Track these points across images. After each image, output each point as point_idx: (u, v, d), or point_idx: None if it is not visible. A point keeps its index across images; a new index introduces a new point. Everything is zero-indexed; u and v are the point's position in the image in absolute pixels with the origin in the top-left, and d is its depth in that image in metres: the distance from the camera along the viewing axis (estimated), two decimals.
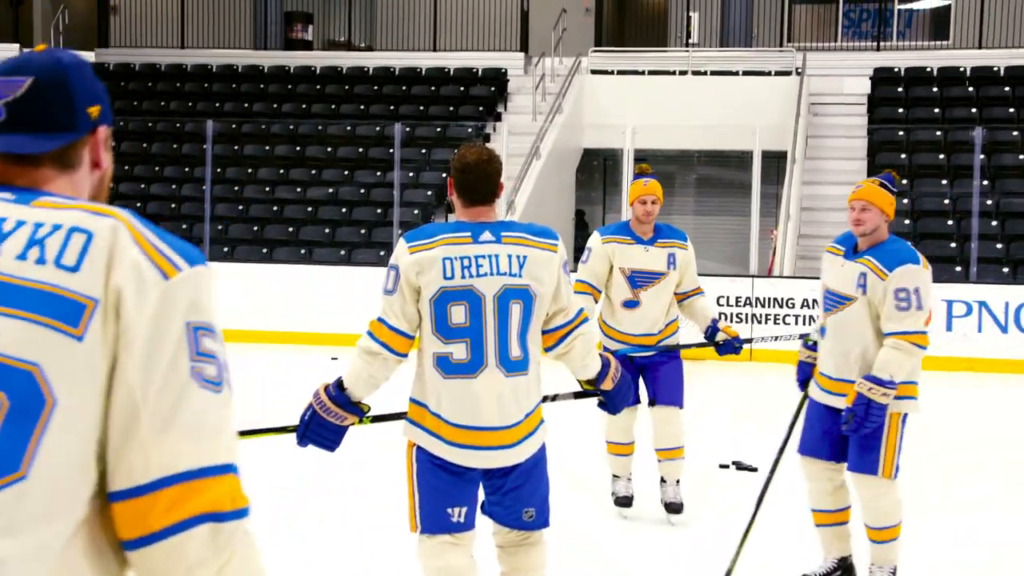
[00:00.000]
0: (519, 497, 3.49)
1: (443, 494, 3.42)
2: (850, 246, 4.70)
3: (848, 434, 4.54)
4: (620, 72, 18.34)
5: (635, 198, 5.80)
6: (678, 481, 5.94)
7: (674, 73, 18.12)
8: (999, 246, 13.73)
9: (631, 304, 5.80)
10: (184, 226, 15.61)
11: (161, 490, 1.39)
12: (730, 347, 5.73)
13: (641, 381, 5.87)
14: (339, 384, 3.44)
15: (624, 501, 6.04)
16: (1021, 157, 15.16)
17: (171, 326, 1.43)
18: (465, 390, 3.36)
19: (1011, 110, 16.28)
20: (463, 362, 3.36)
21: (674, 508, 5.89)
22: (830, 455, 4.77)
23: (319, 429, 3.43)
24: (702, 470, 6.90)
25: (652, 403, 5.87)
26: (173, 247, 1.49)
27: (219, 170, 16.40)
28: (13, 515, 1.33)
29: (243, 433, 3.37)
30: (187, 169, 16.94)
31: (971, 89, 16.83)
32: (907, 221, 14.45)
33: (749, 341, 6.16)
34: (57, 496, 1.36)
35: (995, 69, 17.06)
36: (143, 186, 16.80)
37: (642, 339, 5.81)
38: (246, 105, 18.46)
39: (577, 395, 3.82)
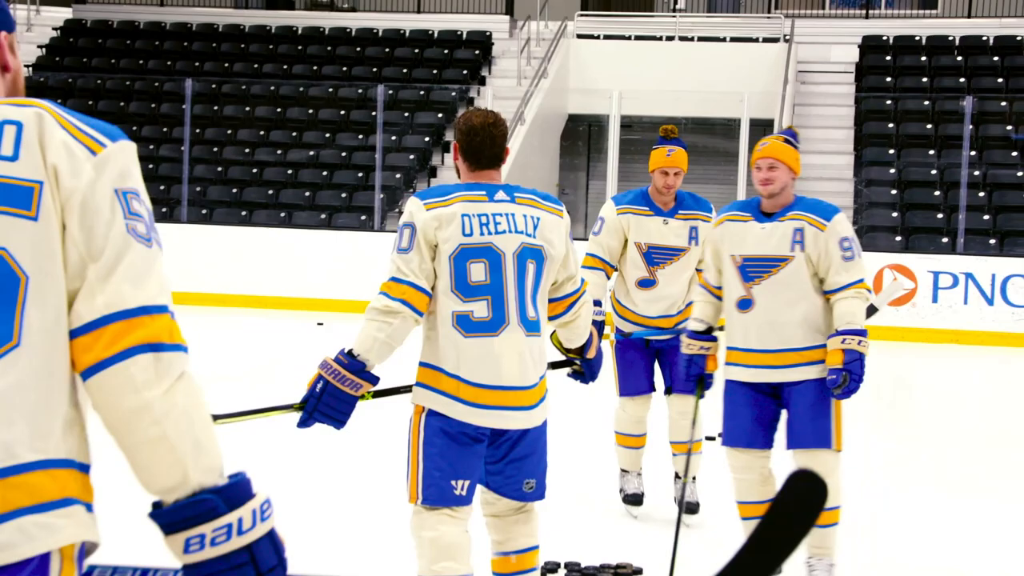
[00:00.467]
0: (523, 467, 3.40)
1: (450, 465, 3.30)
2: (754, 210, 4.32)
3: (841, 398, 4.18)
4: (606, 37, 18.13)
5: (656, 167, 5.13)
6: (694, 478, 5.33)
7: (661, 39, 17.93)
8: (986, 217, 13.63)
9: (647, 283, 5.18)
10: (162, 187, 15.36)
11: (107, 325, 1.63)
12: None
13: (657, 367, 5.35)
14: (349, 353, 3.27)
15: (634, 499, 5.41)
16: (1009, 128, 15.05)
17: (104, 191, 1.67)
18: (487, 348, 3.27)
19: (999, 80, 16.15)
20: (485, 320, 3.27)
21: (690, 507, 5.20)
22: (764, 442, 4.35)
23: (332, 401, 3.25)
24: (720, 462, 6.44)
25: (668, 391, 5.27)
26: (95, 127, 1.71)
27: (198, 131, 16.14)
28: (14, 374, 1.59)
29: (225, 417, 3.20)
30: (165, 129, 16.66)
31: (959, 59, 16.69)
32: (894, 191, 14.33)
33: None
34: (44, 352, 1.62)
35: (984, 38, 16.92)
36: None
37: (659, 321, 5.20)
38: (226, 65, 18.17)
39: (552, 365, 3.69)
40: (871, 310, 4.42)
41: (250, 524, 1.67)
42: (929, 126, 15.29)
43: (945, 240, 13.36)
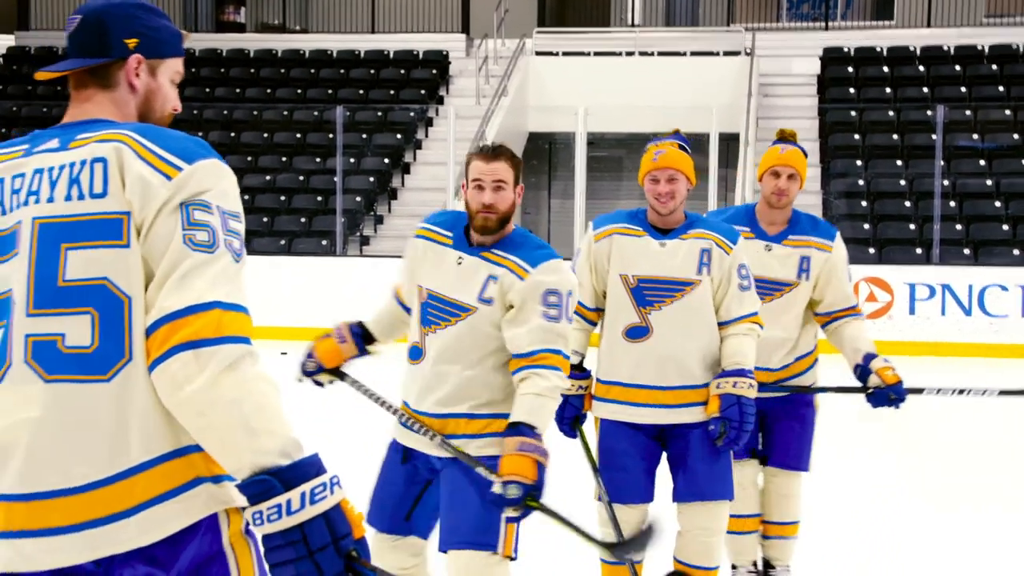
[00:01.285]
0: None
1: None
2: (644, 224, 3.79)
3: (725, 449, 3.65)
4: (565, 54, 17.88)
5: (766, 168, 4.17)
6: (789, 567, 4.39)
7: (620, 54, 17.71)
8: (959, 227, 13.47)
9: None
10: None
11: (157, 330, 1.80)
12: (884, 398, 4.05)
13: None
14: None
15: None
16: (975, 137, 14.94)
17: (171, 210, 1.85)
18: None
19: (963, 89, 16.07)
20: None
21: None
22: (651, 494, 3.80)
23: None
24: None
25: (763, 461, 4.31)
26: (176, 149, 1.90)
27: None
28: (132, 386, 1.82)
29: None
30: None
31: (921, 68, 16.61)
32: (864, 203, 14.16)
33: (918, 391, 4.20)
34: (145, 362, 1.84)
35: (944, 48, 16.85)
36: None
37: (757, 374, 3.95)
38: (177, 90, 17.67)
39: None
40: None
41: (299, 506, 1.78)
42: (895, 136, 15.16)
43: (919, 251, 13.19)
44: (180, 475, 1.86)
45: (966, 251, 13.09)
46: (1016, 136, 14.93)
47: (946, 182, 13.90)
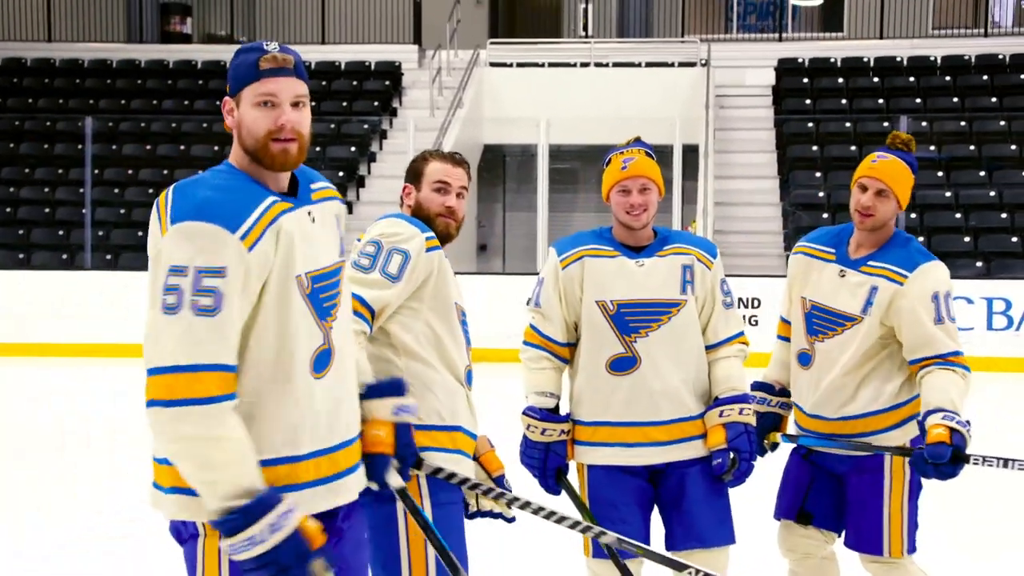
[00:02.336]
0: None
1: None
2: (613, 242, 3.45)
3: (733, 484, 3.37)
4: (519, 65, 17.69)
5: (855, 180, 3.53)
6: None
7: (575, 65, 17.56)
8: (920, 239, 13.45)
9: (803, 359, 3.59)
10: (61, 232, 14.46)
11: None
12: (920, 463, 3.32)
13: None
14: None
15: None
16: (932, 148, 14.96)
17: (157, 270, 2.23)
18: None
19: (917, 101, 16.11)
20: None
21: None
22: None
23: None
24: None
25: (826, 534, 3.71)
26: (175, 206, 2.25)
27: (96, 171, 15.22)
28: None
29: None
30: (60, 171, 15.74)
31: (876, 80, 16.64)
32: (824, 215, 14.11)
33: (965, 459, 3.31)
34: None
35: (898, 59, 16.90)
36: (12, 189, 15.56)
37: (817, 422, 3.56)
38: (122, 102, 17.29)
39: None
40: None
41: (265, 536, 2.17)
42: (853, 148, 15.14)
43: None
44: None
45: None
46: (972, 148, 14.98)
47: None
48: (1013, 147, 14.93)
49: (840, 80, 16.70)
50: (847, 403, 3.49)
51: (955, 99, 16.01)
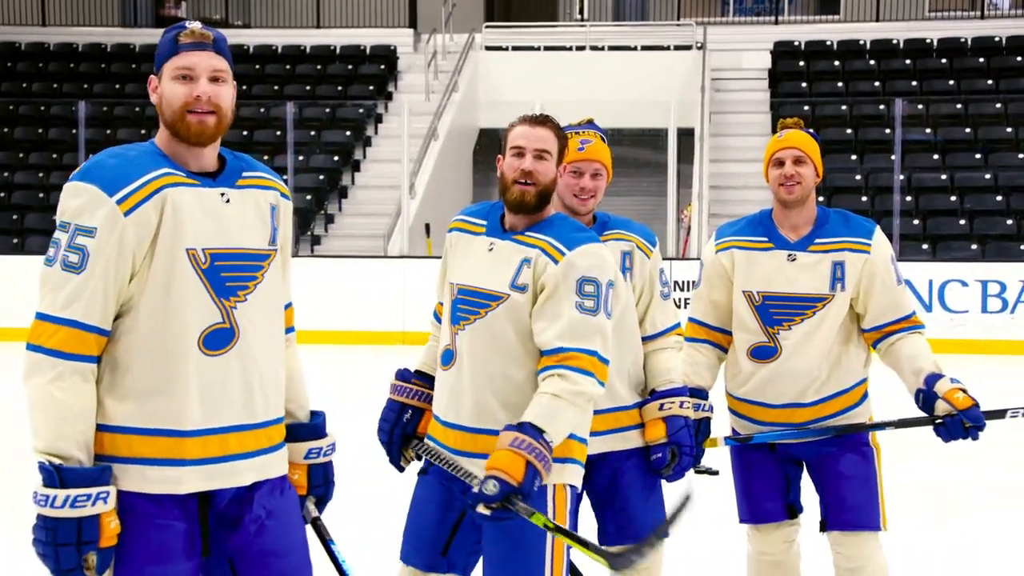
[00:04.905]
0: None
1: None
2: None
3: (673, 479, 3.27)
4: (515, 48, 17.65)
5: (768, 160, 3.50)
6: None
7: (571, 49, 17.52)
8: (916, 222, 13.47)
9: (764, 353, 3.49)
10: (54, 217, 14.38)
11: None
12: (958, 427, 3.31)
13: (805, 476, 3.65)
14: None
15: None
16: (928, 131, 14.95)
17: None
18: None
19: (913, 83, 16.09)
20: None
21: None
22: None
23: None
24: None
25: (823, 527, 3.54)
26: (80, 167, 2.41)
27: (91, 156, 15.14)
28: None
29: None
30: (55, 156, 15.70)
31: (872, 63, 16.61)
32: (820, 198, 14.09)
33: (999, 415, 3.45)
34: None
35: (894, 42, 16.88)
36: (6, 174, 15.51)
37: (790, 413, 3.49)
38: (117, 86, 17.23)
39: None
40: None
41: (60, 504, 2.23)
42: (849, 131, 15.13)
43: None
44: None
45: (924, 246, 13.07)
46: (968, 130, 14.97)
47: (901, 177, 13.88)
48: (1009, 129, 14.92)
49: (836, 63, 16.67)
50: (824, 384, 3.45)
51: (951, 82, 16.00)
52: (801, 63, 16.77)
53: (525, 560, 2.75)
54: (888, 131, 14.33)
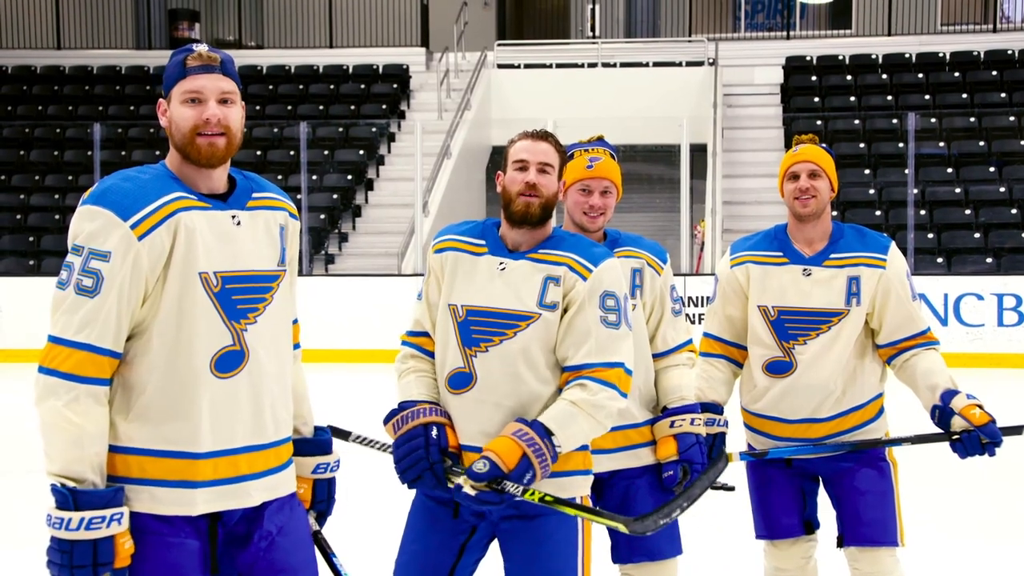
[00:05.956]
0: None
1: None
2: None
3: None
4: (527, 66, 17.71)
5: (783, 175, 3.51)
6: None
7: (583, 66, 17.56)
8: (930, 236, 13.43)
9: (779, 368, 3.49)
10: None
11: None
12: (975, 444, 3.32)
13: (821, 492, 3.62)
14: None
15: None
16: (941, 144, 14.92)
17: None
18: None
19: (926, 97, 16.07)
20: None
21: None
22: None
23: None
24: None
25: (840, 543, 3.53)
26: (92, 190, 2.38)
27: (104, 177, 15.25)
28: None
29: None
30: (70, 178, 15.78)
31: (884, 76, 16.60)
32: (834, 213, 14.07)
33: (1017, 431, 3.45)
34: None
35: (906, 56, 16.87)
36: (23, 196, 15.60)
37: (805, 428, 3.49)
38: (131, 108, 17.34)
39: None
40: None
41: (75, 526, 2.23)
42: (862, 145, 15.11)
43: None
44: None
45: (939, 260, 13.03)
46: (981, 143, 14.93)
47: (915, 190, 13.86)
48: (1023, 142, 14.88)
49: (848, 77, 16.67)
50: (839, 399, 3.45)
51: (964, 95, 15.98)
52: (813, 78, 16.77)
53: (557, 559, 2.75)
54: (901, 145, 14.32)
